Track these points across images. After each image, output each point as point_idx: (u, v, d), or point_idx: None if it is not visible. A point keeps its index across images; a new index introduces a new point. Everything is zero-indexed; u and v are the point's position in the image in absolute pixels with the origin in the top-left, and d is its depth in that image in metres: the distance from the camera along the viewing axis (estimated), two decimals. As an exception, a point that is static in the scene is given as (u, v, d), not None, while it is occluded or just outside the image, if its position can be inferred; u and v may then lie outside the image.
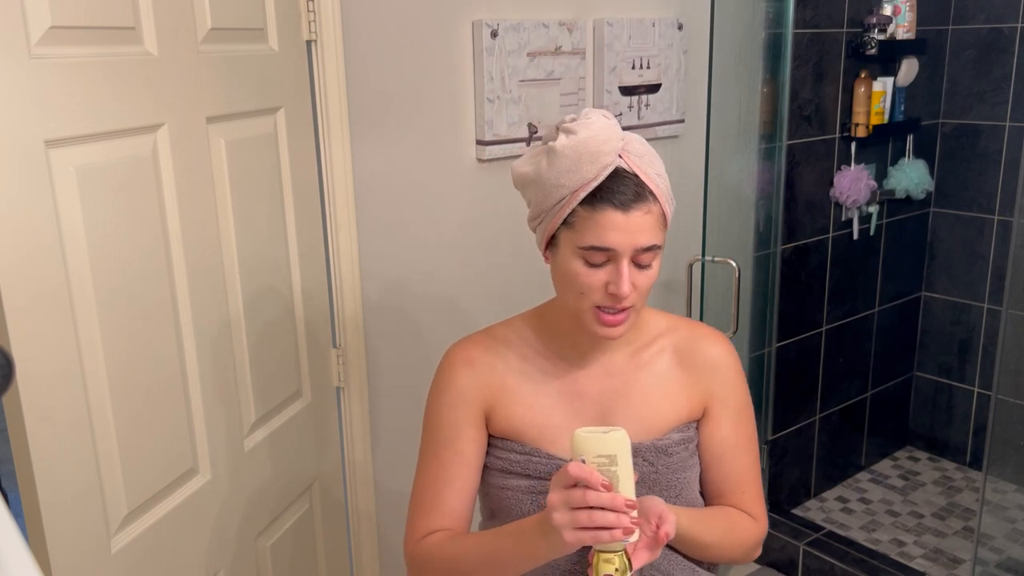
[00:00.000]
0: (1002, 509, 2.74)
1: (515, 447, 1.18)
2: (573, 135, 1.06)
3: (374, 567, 2.01)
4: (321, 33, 1.70)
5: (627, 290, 1.06)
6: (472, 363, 1.20)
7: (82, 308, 1.15)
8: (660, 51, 2.26)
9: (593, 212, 1.05)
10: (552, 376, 1.20)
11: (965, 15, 3.05)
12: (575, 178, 1.05)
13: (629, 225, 1.04)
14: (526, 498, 1.17)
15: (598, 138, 1.05)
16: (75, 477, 1.15)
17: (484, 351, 1.21)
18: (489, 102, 1.96)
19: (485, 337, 1.24)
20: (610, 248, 1.05)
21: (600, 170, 1.05)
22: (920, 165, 3.07)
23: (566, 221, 1.08)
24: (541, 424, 1.18)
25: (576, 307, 1.11)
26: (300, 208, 1.69)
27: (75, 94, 1.12)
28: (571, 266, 1.09)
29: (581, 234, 1.06)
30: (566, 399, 1.19)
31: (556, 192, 1.07)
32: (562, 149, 1.06)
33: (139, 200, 1.24)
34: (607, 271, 1.07)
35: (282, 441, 1.67)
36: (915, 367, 3.45)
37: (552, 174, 1.07)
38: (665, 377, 1.21)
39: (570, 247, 1.08)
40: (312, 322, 1.76)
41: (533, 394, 1.19)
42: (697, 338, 1.24)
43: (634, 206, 1.05)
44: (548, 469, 1.16)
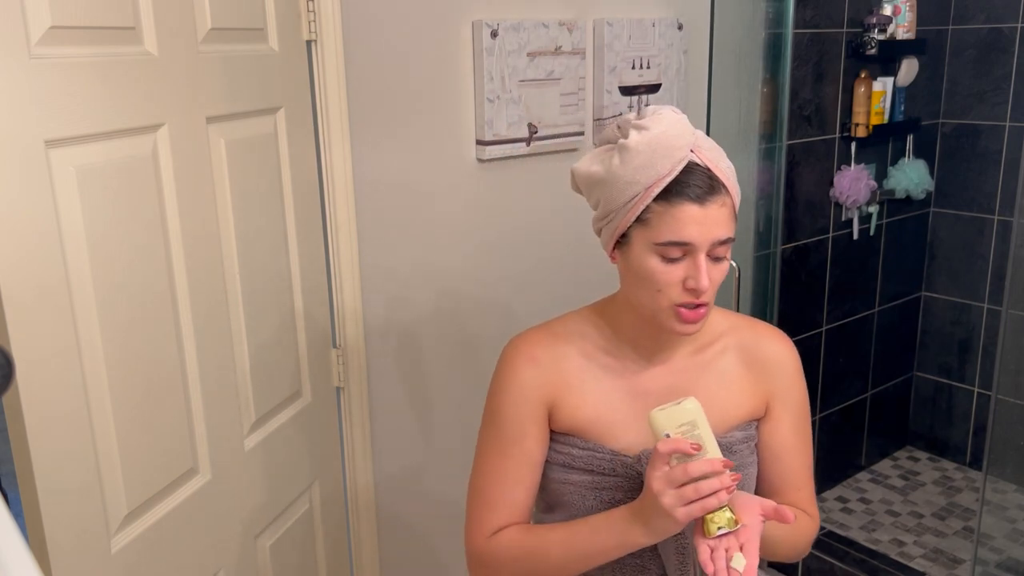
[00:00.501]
0: (1002, 509, 2.74)
1: (577, 443, 1.18)
2: (646, 131, 1.06)
3: (374, 567, 2.01)
4: (321, 33, 1.70)
5: (707, 284, 1.05)
6: (536, 360, 1.19)
7: (82, 308, 1.15)
8: (660, 51, 2.26)
9: (670, 207, 1.04)
10: (615, 373, 1.19)
11: (965, 15, 3.05)
12: (650, 174, 1.05)
13: (706, 218, 1.04)
14: (588, 493, 1.17)
15: (671, 132, 1.05)
16: (75, 477, 1.15)
17: (547, 348, 1.20)
18: (489, 102, 1.96)
19: (546, 334, 1.22)
20: (688, 242, 1.05)
21: (675, 164, 1.04)
22: (920, 165, 3.07)
23: (640, 218, 1.07)
24: (604, 420, 1.18)
25: (652, 305, 1.10)
26: (300, 208, 1.69)
27: (75, 94, 1.12)
28: (647, 264, 1.08)
29: (657, 230, 1.05)
30: (629, 396, 1.19)
31: (629, 189, 1.06)
32: (636, 145, 1.05)
33: (139, 200, 1.24)
34: (684, 266, 1.07)
35: (282, 441, 1.67)
36: (915, 367, 3.45)
37: (625, 171, 1.06)
38: (728, 376, 1.21)
39: (645, 244, 1.07)
40: (312, 322, 1.76)
41: (596, 391, 1.18)
42: (759, 337, 1.24)
43: (709, 199, 1.05)
44: (611, 465, 1.16)
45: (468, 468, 2.21)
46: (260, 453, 1.58)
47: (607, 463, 1.16)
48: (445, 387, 2.06)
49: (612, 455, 1.16)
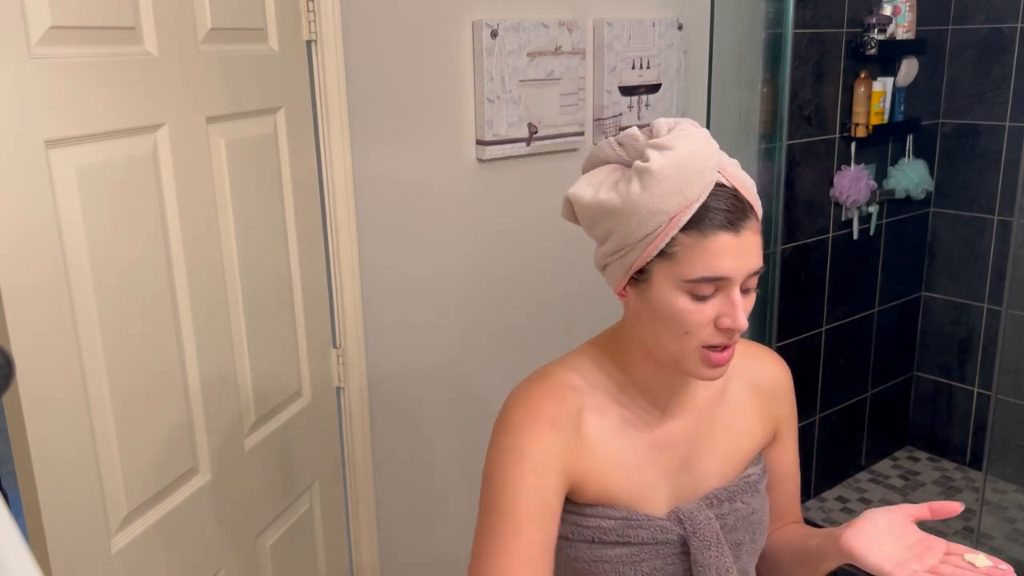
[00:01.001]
0: (1002, 509, 2.74)
1: (609, 512, 1.03)
2: (670, 151, 0.91)
3: (374, 567, 2.01)
4: (321, 33, 1.70)
5: (745, 322, 0.93)
6: (553, 423, 1.00)
7: (82, 308, 1.15)
8: (660, 51, 2.26)
9: (702, 238, 0.91)
10: (633, 426, 1.04)
11: (965, 15, 3.05)
12: (677, 201, 0.90)
13: (740, 248, 0.92)
14: (626, 569, 1.03)
15: (700, 152, 0.92)
16: (75, 477, 1.15)
17: (560, 406, 1.02)
18: (489, 102, 1.96)
19: (554, 388, 1.04)
20: (724, 277, 0.92)
21: (703, 189, 0.91)
22: (920, 165, 3.07)
23: (664, 251, 0.92)
24: (634, 483, 1.04)
25: (676, 349, 0.97)
26: (300, 208, 1.69)
27: (75, 94, 1.12)
28: (673, 303, 0.94)
29: (687, 265, 0.92)
30: (654, 451, 1.05)
31: (652, 220, 0.91)
32: (661, 169, 0.90)
33: (139, 200, 1.24)
34: (715, 304, 0.93)
35: (282, 441, 1.67)
36: (915, 367, 3.45)
37: (649, 199, 0.91)
38: (741, 408, 1.12)
39: (671, 281, 0.93)
40: (312, 322, 1.76)
41: (619, 450, 1.03)
42: (761, 363, 1.16)
43: (743, 225, 0.92)
44: (649, 533, 1.03)
45: (468, 468, 2.22)
46: (260, 453, 1.58)
47: (644, 531, 1.03)
48: (445, 386, 2.06)
49: (648, 520, 1.03)
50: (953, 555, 0.94)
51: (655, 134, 0.95)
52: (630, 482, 1.03)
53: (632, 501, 1.03)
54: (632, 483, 1.03)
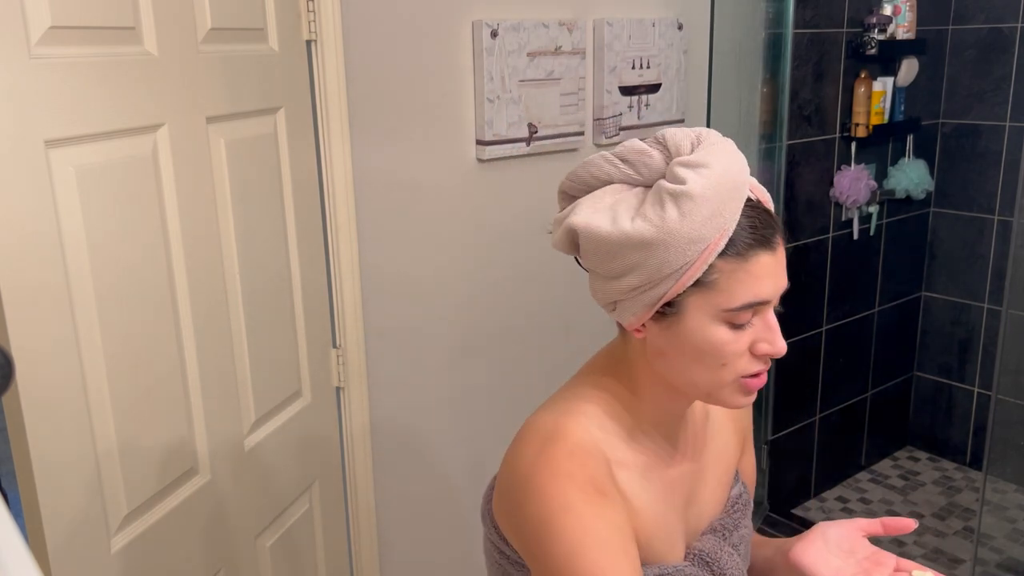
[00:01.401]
0: (1002, 509, 2.74)
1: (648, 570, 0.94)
2: (707, 169, 0.81)
3: (374, 567, 2.01)
4: (321, 33, 1.70)
5: (784, 345, 0.86)
6: (603, 491, 0.87)
7: (82, 308, 1.15)
8: (660, 51, 2.26)
9: (743, 262, 0.82)
10: (653, 471, 0.96)
11: (965, 15, 3.05)
12: (717, 224, 0.81)
13: (778, 266, 0.85)
14: None
15: (736, 168, 0.83)
16: (75, 477, 1.15)
17: (594, 467, 0.89)
18: (489, 102, 1.96)
19: (579, 452, 0.89)
20: (766, 300, 0.84)
21: (739, 207, 0.82)
22: (920, 165, 3.08)
23: (699, 281, 0.83)
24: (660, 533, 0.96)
25: (712, 383, 0.88)
26: (300, 208, 1.69)
27: (75, 94, 1.12)
28: (711, 335, 0.84)
29: (728, 292, 0.83)
30: (668, 491, 0.97)
31: (691, 249, 0.81)
32: (703, 192, 0.80)
33: (139, 200, 1.24)
34: (751, 331, 0.86)
35: (282, 441, 1.67)
36: (915, 367, 3.45)
37: (690, 226, 0.80)
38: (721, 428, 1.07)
39: (708, 312, 0.84)
40: (312, 322, 1.76)
41: (648, 501, 0.94)
42: None
43: (776, 241, 0.85)
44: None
45: (468, 468, 2.22)
46: (260, 453, 1.58)
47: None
48: (445, 387, 2.06)
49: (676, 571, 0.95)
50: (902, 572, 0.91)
51: (678, 151, 0.84)
52: (659, 532, 0.95)
53: (661, 553, 0.95)
54: (661, 533, 0.95)
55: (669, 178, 0.82)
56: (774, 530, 2.78)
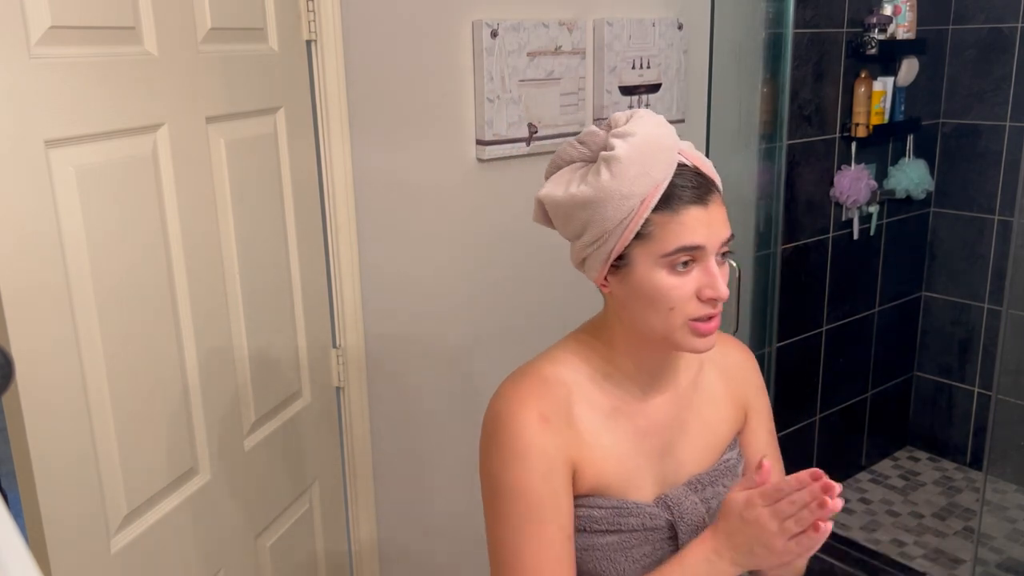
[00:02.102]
0: (1002, 509, 2.74)
1: (599, 502, 1.05)
2: (632, 136, 0.96)
3: (374, 567, 2.01)
4: (321, 33, 1.70)
5: (725, 289, 0.98)
6: (548, 420, 1.02)
7: (82, 308, 1.15)
8: (660, 51, 2.26)
9: (674, 214, 0.96)
10: (621, 415, 1.08)
11: (965, 15, 3.05)
12: (646, 183, 0.96)
13: (711, 218, 0.98)
14: (617, 556, 1.06)
15: (658, 133, 0.97)
16: (75, 477, 1.15)
17: (552, 402, 1.04)
18: (489, 102, 1.96)
19: (542, 384, 1.05)
20: (699, 246, 0.97)
21: (668, 168, 0.97)
22: (920, 165, 3.08)
23: (640, 233, 0.97)
24: (623, 471, 1.07)
25: (664, 327, 1.00)
26: (300, 208, 1.69)
27: (75, 94, 1.12)
28: (655, 281, 0.98)
29: (663, 241, 0.97)
30: (638, 437, 1.08)
31: (625, 204, 0.96)
32: (626, 154, 0.95)
33: (139, 200, 1.24)
34: (695, 277, 0.98)
35: (282, 441, 1.67)
36: (915, 367, 3.45)
37: (619, 184, 0.96)
38: (714, 394, 1.16)
39: (649, 260, 0.98)
40: (312, 322, 1.76)
41: (607, 439, 1.06)
42: (724, 347, 1.19)
43: (708, 197, 0.98)
44: (638, 520, 1.06)
45: (468, 468, 2.22)
46: (260, 453, 1.58)
47: (634, 519, 1.06)
48: (445, 386, 2.06)
49: (637, 507, 1.06)
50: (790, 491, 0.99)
51: (614, 125, 1.00)
52: (620, 470, 1.06)
53: (621, 489, 1.06)
54: (622, 471, 1.06)
55: (606, 148, 0.98)
56: (774, 530, 2.78)
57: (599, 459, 1.05)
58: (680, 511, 1.07)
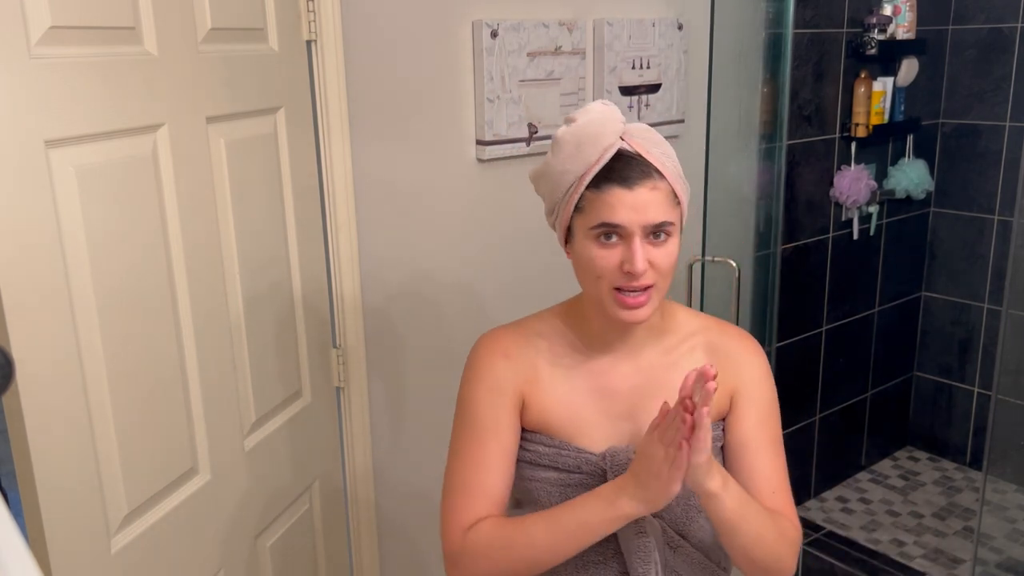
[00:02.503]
0: (1002, 509, 2.74)
1: (544, 440, 1.20)
2: (574, 123, 1.10)
3: (374, 567, 2.01)
4: (321, 33, 1.70)
5: (641, 266, 1.07)
6: (509, 355, 1.21)
7: (82, 308, 1.15)
8: (660, 51, 2.26)
9: (600, 192, 1.08)
10: (584, 371, 1.21)
11: (965, 15, 3.05)
12: (579, 162, 1.09)
13: (635, 201, 1.07)
14: (554, 490, 1.18)
15: (597, 121, 1.09)
16: (75, 477, 1.15)
17: (518, 344, 1.22)
18: (489, 102, 1.96)
19: (517, 331, 1.24)
20: (619, 224, 1.07)
21: (602, 152, 1.08)
22: (920, 165, 3.07)
23: (577, 207, 1.11)
24: (571, 418, 1.19)
25: (596, 293, 1.13)
26: (300, 208, 1.69)
27: (75, 94, 1.12)
28: (586, 250, 1.11)
29: (591, 215, 1.09)
30: (596, 394, 1.20)
31: (564, 180, 1.11)
32: (563, 136, 1.10)
33: (139, 200, 1.24)
34: (621, 251, 1.09)
35: (282, 441, 1.67)
36: (915, 367, 3.45)
37: (558, 162, 1.11)
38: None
39: (583, 232, 1.11)
40: (312, 322, 1.76)
41: (565, 388, 1.20)
42: (727, 336, 1.25)
43: (639, 183, 1.07)
44: (576, 463, 1.17)
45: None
46: (260, 453, 1.58)
47: (572, 460, 1.18)
48: (445, 387, 2.06)
49: (577, 452, 1.18)
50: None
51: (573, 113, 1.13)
52: (568, 416, 1.19)
53: (568, 434, 1.19)
54: (571, 417, 1.19)
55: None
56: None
57: (548, 400, 1.20)
58: (614, 464, 1.16)
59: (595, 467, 1.17)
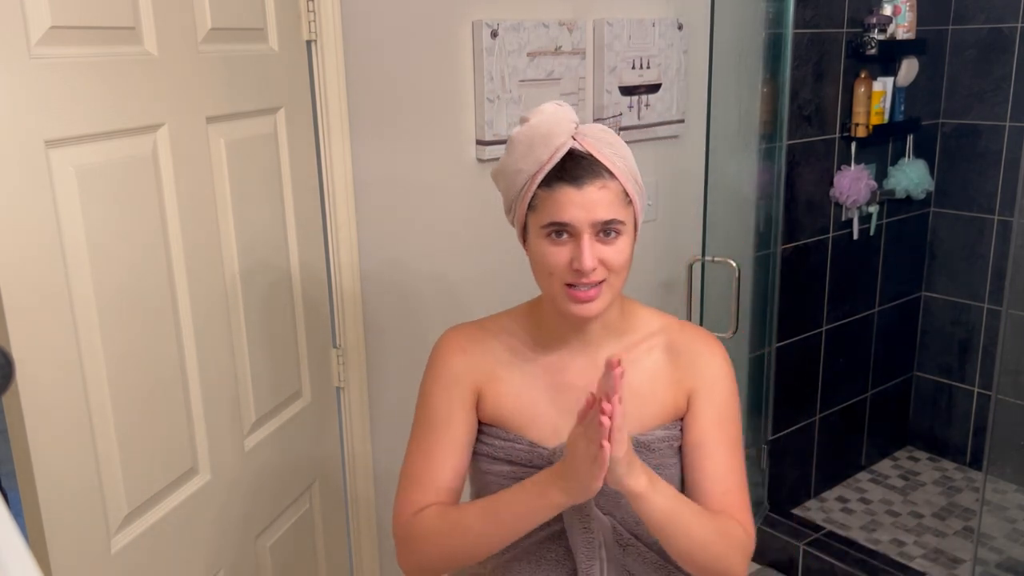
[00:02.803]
0: (1002, 509, 2.74)
1: (500, 433, 1.22)
2: (526, 122, 1.12)
3: (374, 567, 2.01)
4: (321, 33, 1.70)
5: (589, 263, 1.09)
6: (465, 350, 1.25)
7: (82, 308, 1.15)
8: (660, 51, 2.26)
9: (551, 191, 1.10)
10: (540, 367, 1.23)
11: (965, 15, 3.05)
12: (531, 161, 1.11)
13: (584, 200, 1.09)
14: (508, 483, 1.20)
15: (548, 122, 1.11)
16: (75, 477, 1.16)
17: (476, 340, 1.26)
18: (489, 102, 1.96)
19: (477, 328, 1.28)
20: (567, 223, 1.10)
21: (553, 151, 1.11)
22: (920, 165, 3.07)
23: (531, 205, 1.14)
24: (526, 413, 1.22)
25: (549, 289, 1.16)
26: (300, 208, 1.69)
27: (75, 94, 1.12)
28: (539, 248, 1.14)
29: (542, 214, 1.12)
30: (551, 390, 1.22)
31: (518, 179, 1.14)
32: (517, 136, 1.13)
33: (139, 200, 1.24)
34: (571, 248, 1.11)
35: (282, 441, 1.67)
36: (915, 367, 3.45)
37: (512, 161, 1.14)
38: (654, 374, 1.23)
39: (536, 229, 1.14)
40: (312, 322, 1.76)
41: (521, 384, 1.23)
42: (688, 336, 1.26)
43: (588, 181, 1.09)
44: (528, 456, 1.20)
45: (468, 468, 2.18)
46: (260, 453, 1.59)
47: (525, 454, 1.20)
48: (445, 387, 2.06)
49: (530, 447, 1.20)
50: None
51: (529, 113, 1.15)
52: (523, 410, 1.22)
53: (522, 428, 1.21)
54: (525, 413, 1.22)
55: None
56: (774, 530, 2.78)
57: (503, 394, 1.22)
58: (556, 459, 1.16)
59: (546, 461, 1.18)
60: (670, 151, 2.42)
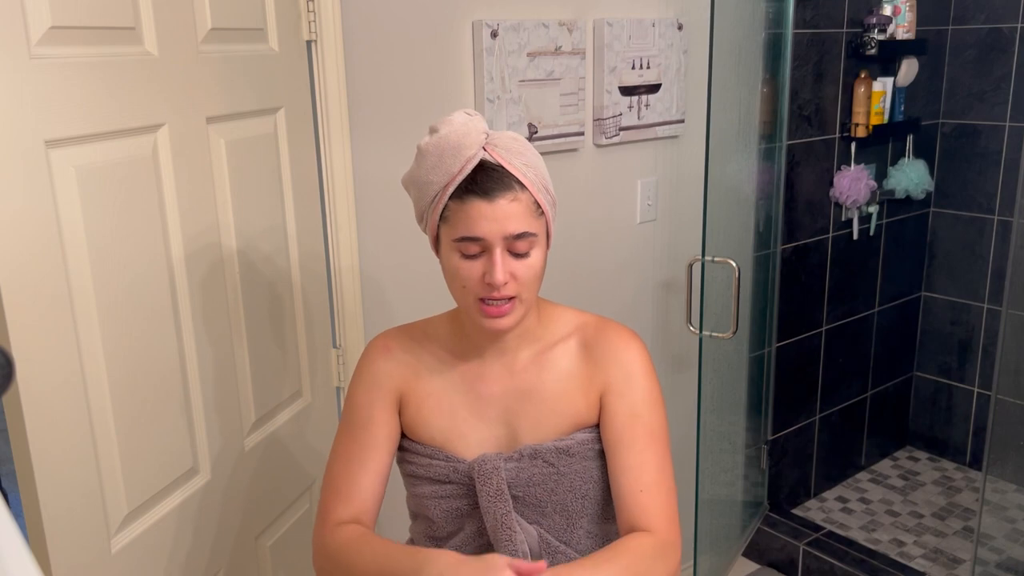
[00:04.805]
0: (1002, 509, 2.74)
1: (420, 448, 1.22)
2: (436, 133, 1.11)
3: (374, 567, 2.01)
4: (321, 33, 1.70)
5: (500, 278, 1.08)
6: (389, 352, 1.25)
7: (82, 308, 1.15)
8: (660, 51, 2.26)
9: (462, 204, 1.09)
10: (460, 376, 1.23)
11: (965, 15, 3.05)
12: (441, 173, 1.10)
13: (495, 213, 1.08)
14: (432, 503, 1.21)
15: (458, 133, 1.09)
16: (75, 477, 1.16)
17: (401, 344, 1.26)
18: (489, 102, 1.96)
19: (404, 333, 1.28)
20: (479, 237, 1.09)
21: (464, 163, 1.09)
22: (920, 165, 3.08)
23: (442, 216, 1.12)
24: (445, 424, 1.21)
25: (463, 302, 1.15)
26: (300, 208, 1.69)
27: (75, 94, 1.12)
28: (451, 261, 1.12)
29: (454, 227, 1.10)
30: (470, 399, 1.22)
31: (429, 190, 1.12)
32: (426, 147, 1.11)
33: (139, 200, 1.24)
34: (483, 262, 1.10)
35: (282, 441, 1.67)
36: (915, 367, 3.45)
37: (422, 172, 1.12)
38: (568, 375, 1.21)
39: (448, 242, 1.12)
40: (312, 322, 1.76)
41: (441, 392, 1.22)
42: (603, 333, 1.23)
43: (499, 194, 1.08)
44: (445, 471, 1.19)
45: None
46: (260, 453, 1.59)
47: (442, 469, 1.19)
48: (445, 387, 2.06)
49: (446, 461, 1.19)
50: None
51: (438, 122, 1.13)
52: (441, 422, 1.21)
53: (442, 438, 1.21)
54: (444, 424, 1.21)
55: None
56: (774, 530, 2.78)
57: (424, 401, 1.22)
58: (482, 472, 1.16)
59: (464, 476, 1.18)
60: (670, 151, 2.42)
